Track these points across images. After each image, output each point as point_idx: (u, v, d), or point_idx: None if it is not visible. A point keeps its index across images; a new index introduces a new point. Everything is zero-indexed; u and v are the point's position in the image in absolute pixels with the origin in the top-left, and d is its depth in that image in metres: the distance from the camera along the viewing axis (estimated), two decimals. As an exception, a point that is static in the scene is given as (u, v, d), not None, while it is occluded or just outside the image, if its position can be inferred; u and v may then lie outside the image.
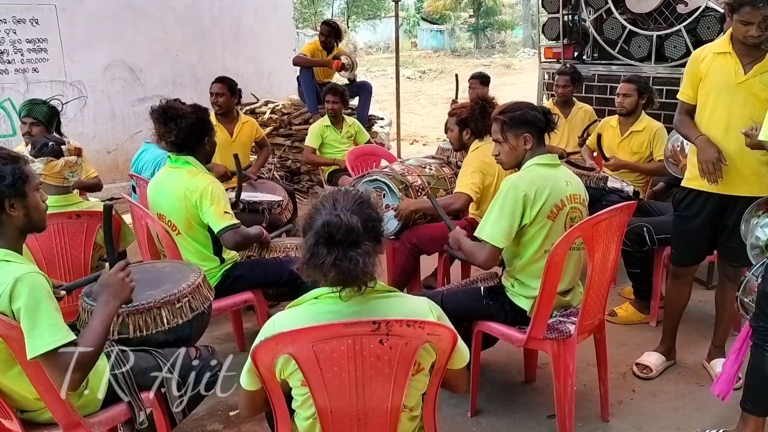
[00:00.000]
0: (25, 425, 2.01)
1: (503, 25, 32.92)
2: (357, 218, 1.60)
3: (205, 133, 2.98)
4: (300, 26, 23.75)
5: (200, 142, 2.97)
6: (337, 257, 1.55)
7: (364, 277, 1.60)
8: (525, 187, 2.49)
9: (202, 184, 2.87)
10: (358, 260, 1.56)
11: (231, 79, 4.65)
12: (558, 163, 2.66)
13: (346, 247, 1.56)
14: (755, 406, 2.42)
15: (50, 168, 2.91)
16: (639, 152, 4.14)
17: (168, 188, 2.94)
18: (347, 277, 1.58)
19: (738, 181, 2.77)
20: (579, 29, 6.08)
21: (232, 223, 2.87)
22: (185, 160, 2.95)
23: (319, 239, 1.58)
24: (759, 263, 2.49)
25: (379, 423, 1.66)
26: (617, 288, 4.07)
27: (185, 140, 2.92)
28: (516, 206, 2.48)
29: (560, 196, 2.54)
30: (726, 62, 2.78)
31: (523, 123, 2.57)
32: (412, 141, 10.35)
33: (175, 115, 2.88)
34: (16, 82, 6.15)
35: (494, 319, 2.70)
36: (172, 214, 2.94)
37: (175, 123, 2.87)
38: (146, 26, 6.95)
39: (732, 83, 2.75)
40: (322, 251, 1.57)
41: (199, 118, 2.93)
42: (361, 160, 4.91)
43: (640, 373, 3.15)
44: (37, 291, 1.84)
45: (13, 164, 1.95)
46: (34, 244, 2.70)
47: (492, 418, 2.87)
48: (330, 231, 1.57)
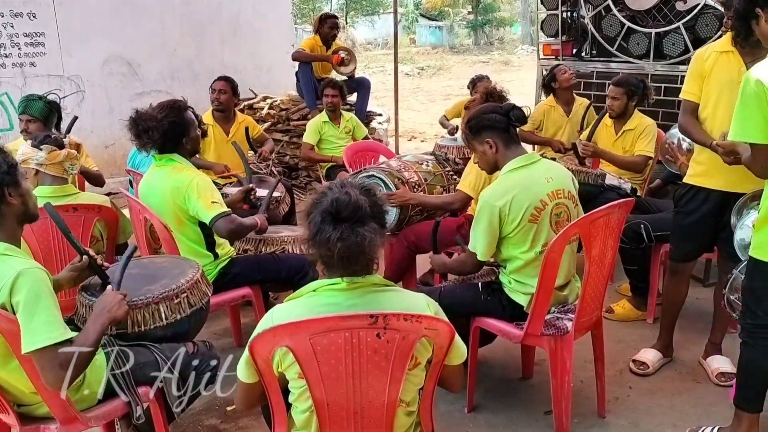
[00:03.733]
0: (21, 419, 2.02)
1: (502, 22, 32.86)
2: (365, 199, 1.63)
3: (182, 135, 2.90)
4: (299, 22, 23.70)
5: (179, 143, 2.91)
6: (344, 232, 1.58)
7: (370, 254, 1.62)
8: (499, 202, 2.50)
9: (187, 179, 2.85)
10: (365, 236, 1.58)
11: (233, 79, 4.67)
12: (536, 159, 2.65)
13: (352, 223, 1.59)
14: (748, 403, 2.43)
15: (53, 157, 2.92)
16: (631, 150, 4.14)
17: (156, 187, 2.92)
18: (353, 252, 1.59)
19: (740, 179, 2.73)
20: (578, 26, 6.07)
21: (222, 211, 2.84)
22: (169, 158, 2.91)
23: (326, 216, 1.61)
24: (743, 262, 2.48)
25: (376, 417, 1.67)
26: (614, 285, 4.08)
27: (163, 146, 2.89)
28: (492, 222, 2.51)
29: (540, 197, 2.53)
30: (729, 61, 2.79)
31: (481, 129, 2.63)
32: (410, 137, 10.34)
33: (146, 127, 2.82)
34: (13, 76, 6.13)
35: (492, 315, 2.70)
36: (162, 213, 2.91)
37: (148, 135, 2.83)
38: (144, 21, 6.93)
39: (735, 81, 2.72)
40: (328, 228, 1.59)
41: (171, 122, 2.85)
42: (359, 156, 4.90)
43: (637, 370, 3.16)
44: (37, 286, 1.84)
45: (2, 154, 1.97)
46: (31, 238, 2.70)
47: (489, 414, 2.87)
48: (338, 207, 1.60)
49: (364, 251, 1.61)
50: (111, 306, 2.04)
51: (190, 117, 2.97)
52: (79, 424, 2.03)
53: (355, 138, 5.42)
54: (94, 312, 2.04)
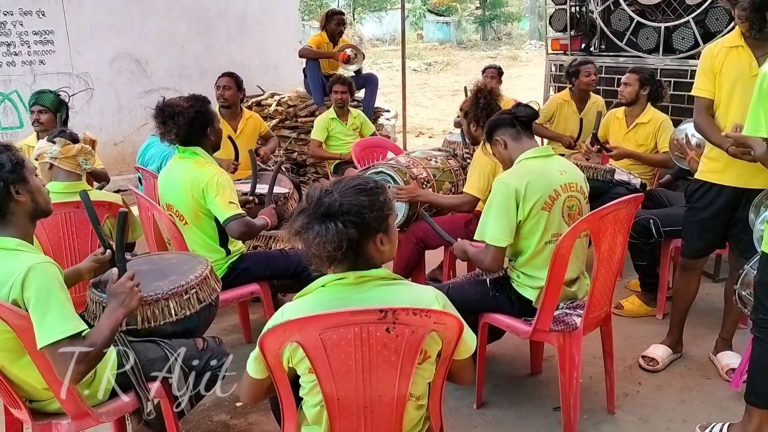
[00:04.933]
0: (33, 414, 2.03)
1: (510, 17, 32.74)
2: (347, 200, 1.63)
3: (206, 125, 2.96)
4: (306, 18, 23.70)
5: (203, 134, 2.96)
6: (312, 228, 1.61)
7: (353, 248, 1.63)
8: (515, 182, 2.51)
9: (208, 175, 2.88)
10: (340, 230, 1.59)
11: (237, 75, 4.67)
12: (551, 153, 2.67)
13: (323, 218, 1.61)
14: (759, 399, 2.41)
15: (66, 151, 2.93)
16: (645, 144, 4.11)
17: (176, 178, 2.96)
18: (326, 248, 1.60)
19: (753, 174, 2.72)
20: (586, 21, 6.04)
21: (237, 212, 2.87)
22: (192, 151, 2.95)
23: (300, 214, 1.65)
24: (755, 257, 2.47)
25: (386, 411, 1.67)
26: (623, 281, 4.07)
27: (187, 135, 2.92)
28: (509, 202, 2.50)
29: (554, 186, 2.54)
30: (739, 56, 2.76)
31: (491, 130, 2.72)
32: (418, 133, 10.34)
33: (172, 112, 2.86)
34: (23, 74, 6.16)
35: (500, 310, 2.70)
36: (180, 204, 2.94)
37: (174, 121, 2.86)
38: (153, 18, 6.94)
39: (746, 76, 2.72)
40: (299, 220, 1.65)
41: (197, 111, 2.91)
42: (368, 152, 4.91)
43: (647, 366, 3.15)
44: (49, 281, 1.85)
45: (7, 152, 1.97)
46: (42, 234, 2.72)
47: (497, 410, 2.87)
48: (309, 202, 1.65)
49: (342, 245, 1.60)
50: (123, 298, 2.03)
51: (214, 111, 3.06)
52: (90, 420, 2.04)
53: (363, 134, 5.42)
54: (108, 307, 2.03)
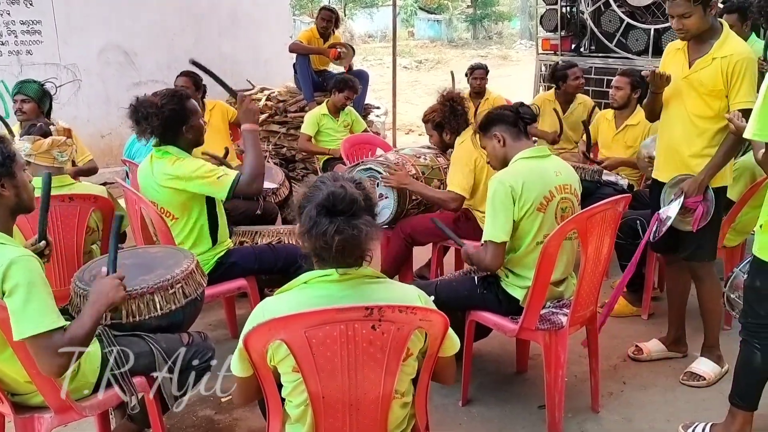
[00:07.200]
0: (16, 408, 2.01)
1: (501, 16, 32.76)
2: (359, 192, 1.65)
3: (182, 122, 2.84)
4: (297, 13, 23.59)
5: (178, 133, 2.85)
6: (340, 225, 1.59)
7: (366, 246, 1.64)
8: (511, 181, 2.52)
9: (188, 169, 2.79)
10: (361, 228, 1.60)
11: (196, 74, 4.42)
12: (547, 154, 2.67)
13: (348, 216, 1.60)
14: (743, 401, 2.43)
15: (37, 147, 2.89)
16: (633, 146, 4.13)
17: (155, 178, 2.87)
18: (349, 245, 1.60)
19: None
20: (577, 21, 6.07)
21: (233, 178, 2.78)
22: (165, 150, 2.85)
23: (321, 210, 1.61)
24: (746, 260, 2.49)
25: (371, 409, 1.67)
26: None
27: (162, 135, 2.84)
28: (506, 200, 2.51)
29: (549, 187, 2.55)
30: (678, 57, 2.87)
31: (490, 123, 2.69)
32: (408, 131, 10.33)
33: (146, 114, 2.78)
34: (9, 64, 6.10)
35: (488, 308, 2.71)
36: (164, 203, 2.89)
37: (148, 121, 2.78)
38: (143, 11, 6.89)
39: (679, 77, 2.83)
40: (324, 221, 1.60)
41: (171, 110, 2.79)
42: (357, 149, 4.90)
43: (632, 354, 3.23)
44: (31, 274, 1.84)
45: (1, 143, 1.95)
46: (26, 227, 2.68)
47: (483, 407, 2.88)
48: (334, 201, 1.61)
49: (361, 244, 1.62)
50: (108, 290, 2.02)
51: (193, 106, 2.90)
52: (73, 414, 2.03)
53: (354, 131, 5.41)
54: (91, 298, 2.01)
